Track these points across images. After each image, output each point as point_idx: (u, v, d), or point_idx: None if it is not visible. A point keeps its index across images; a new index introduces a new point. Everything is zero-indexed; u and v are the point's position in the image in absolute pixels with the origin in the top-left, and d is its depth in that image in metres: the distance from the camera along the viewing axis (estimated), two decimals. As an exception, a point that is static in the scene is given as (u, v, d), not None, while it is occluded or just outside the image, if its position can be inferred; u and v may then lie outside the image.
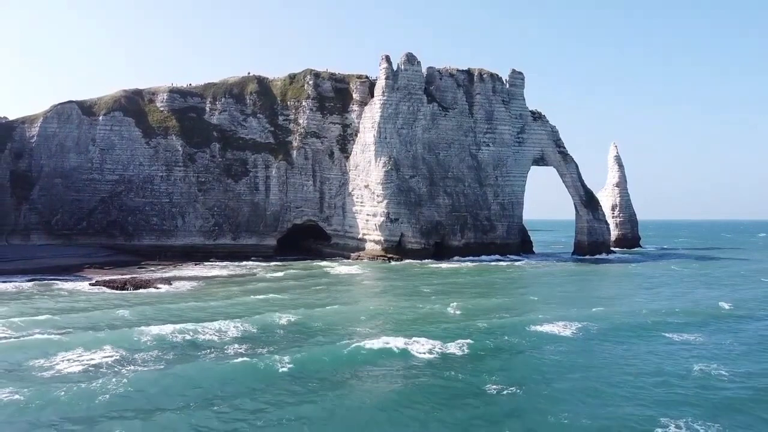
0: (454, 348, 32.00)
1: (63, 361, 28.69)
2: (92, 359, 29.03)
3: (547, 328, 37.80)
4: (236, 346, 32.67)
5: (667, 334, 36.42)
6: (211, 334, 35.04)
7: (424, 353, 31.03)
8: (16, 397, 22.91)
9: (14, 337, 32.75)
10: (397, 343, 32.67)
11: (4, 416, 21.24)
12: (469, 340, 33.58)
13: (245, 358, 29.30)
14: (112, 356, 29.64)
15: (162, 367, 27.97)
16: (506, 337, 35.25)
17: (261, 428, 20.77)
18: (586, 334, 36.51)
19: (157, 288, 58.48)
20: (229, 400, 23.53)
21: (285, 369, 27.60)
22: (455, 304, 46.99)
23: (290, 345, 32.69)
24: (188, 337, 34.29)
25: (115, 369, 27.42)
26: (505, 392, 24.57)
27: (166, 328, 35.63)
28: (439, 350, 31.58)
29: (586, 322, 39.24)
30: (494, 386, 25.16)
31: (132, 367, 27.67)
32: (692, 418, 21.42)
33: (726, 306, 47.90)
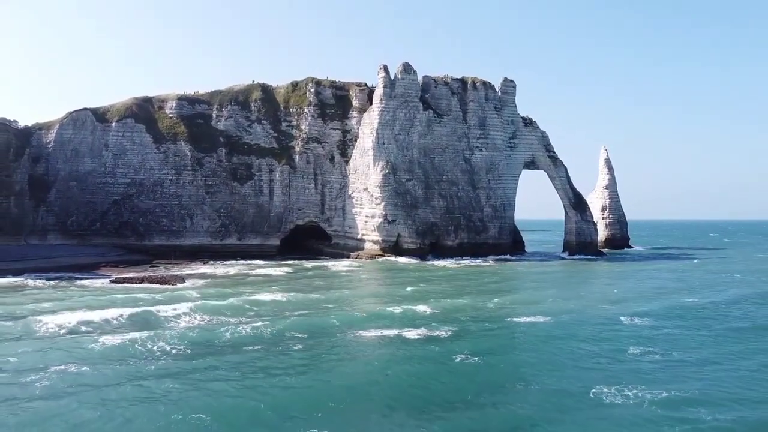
0: (438, 331, 37.45)
1: (107, 341, 34.02)
2: (129, 338, 34.41)
3: (523, 318, 43.01)
4: (252, 323, 38.22)
5: (623, 320, 41.98)
6: (230, 318, 40.56)
7: (414, 336, 36.39)
8: (77, 368, 28.48)
9: (60, 323, 38.17)
10: (389, 324, 38.47)
11: (72, 384, 26.68)
12: (451, 325, 39.14)
13: (262, 330, 35.46)
14: (147, 335, 35.02)
15: (193, 335, 33.58)
16: (485, 324, 40.71)
17: (276, 373, 27.13)
18: (554, 322, 41.82)
19: (173, 284, 63.86)
20: (251, 355, 29.51)
21: (296, 341, 33.20)
22: (446, 297, 52.60)
23: (299, 325, 38.15)
24: (210, 318, 39.97)
25: (154, 342, 32.87)
26: (468, 362, 30.33)
27: (190, 312, 41.44)
28: (428, 335, 36.85)
29: (557, 313, 44.63)
30: (461, 358, 30.72)
31: (167, 338, 33.14)
32: (624, 383, 26.62)
33: (679, 298, 53.89)
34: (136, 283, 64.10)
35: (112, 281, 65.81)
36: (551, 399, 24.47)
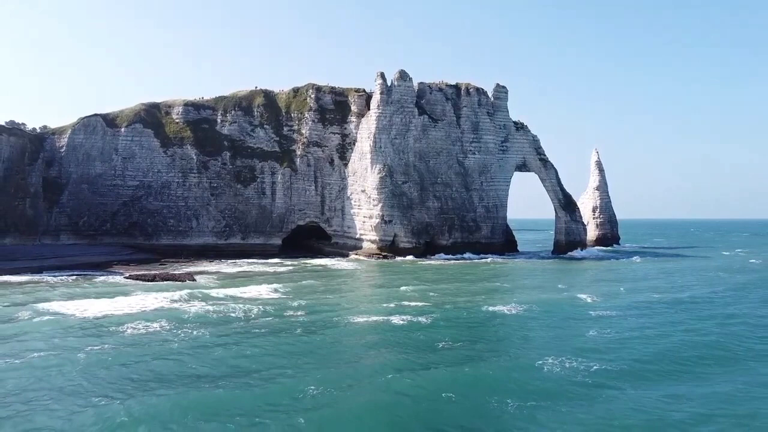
0: (422, 318, 42.40)
1: (133, 327, 38.98)
2: (153, 325, 39.36)
3: (499, 307, 47.98)
4: (260, 311, 43.10)
5: (591, 312, 46.75)
6: (239, 308, 45.43)
7: (400, 321, 41.40)
8: (105, 347, 33.43)
9: (86, 313, 43.16)
10: (379, 312, 43.62)
11: (98, 363, 31.60)
12: (436, 314, 44.12)
13: (269, 316, 40.42)
14: (169, 321, 40.04)
15: (210, 321, 38.54)
16: (465, 313, 45.62)
17: (283, 342, 33.74)
18: (527, 311, 46.67)
19: (184, 281, 68.68)
20: (261, 332, 34.62)
21: (297, 325, 38.20)
22: (434, 290, 57.56)
23: (300, 314, 43.07)
24: (223, 309, 44.93)
25: (172, 330, 37.81)
26: (445, 339, 35.66)
27: (205, 303, 46.45)
28: (412, 320, 41.85)
29: (532, 304, 49.44)
30: (442, 343, 35.51)
31: (184, 326, 38.07)
32: (567, 357, 31.37)
33: (648, 293, 58.66)
34: (149, 280, 68.82)
35: (126, 278, 70.46)
36: (501, 366, 29.86)
